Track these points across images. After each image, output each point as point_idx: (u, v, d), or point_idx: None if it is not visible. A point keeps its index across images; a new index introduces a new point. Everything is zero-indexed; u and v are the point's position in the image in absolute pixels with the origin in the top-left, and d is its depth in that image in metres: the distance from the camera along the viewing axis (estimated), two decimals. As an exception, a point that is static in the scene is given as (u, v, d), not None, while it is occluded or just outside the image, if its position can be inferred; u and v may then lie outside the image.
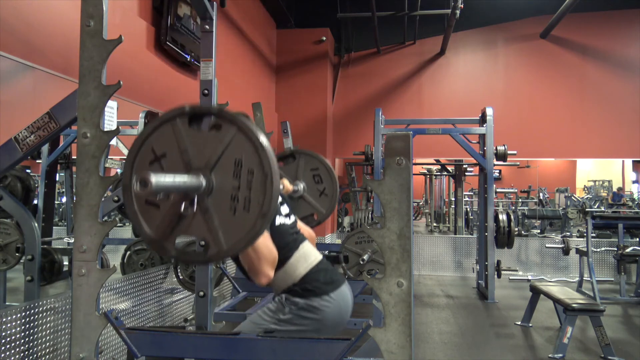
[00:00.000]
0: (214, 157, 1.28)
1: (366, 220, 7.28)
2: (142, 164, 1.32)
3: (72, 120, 2.05)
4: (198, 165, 1.28)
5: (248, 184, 1.26)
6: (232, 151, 1.27)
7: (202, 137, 1.29)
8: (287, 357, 1.47)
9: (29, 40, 2.64)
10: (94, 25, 1.45)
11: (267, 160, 1.25)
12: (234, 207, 1.27)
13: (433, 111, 7.80)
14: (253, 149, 1.25)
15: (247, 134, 1.26)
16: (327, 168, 2.82)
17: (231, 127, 1.27)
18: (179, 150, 1.30)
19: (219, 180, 1.28)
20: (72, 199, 4.57)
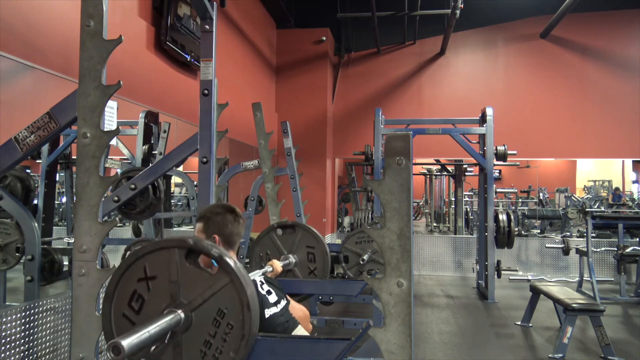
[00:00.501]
0: (200, 299, 1.29)
1: (366, 220, 7.28)
2: (131, 279, 1.33)
3: (72, 120, 2.05)
4: (182, 300, 1.29)
5: (224, 336, 1.27)
6: (219, 299, 1.28)
7: (196, 275, 1.30)
8: (287, 357, 1.47)
9: (29, 40, 2.64)
10: (94, 25, 1.45)
11: (249, 322, 1.26)
12: (205, 352, 1.28)
13: (433, 111, 7.80)
14: (239, 306, 1.27)
15: (238, 289, 1.27)
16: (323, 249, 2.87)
17: (225, 276, 1.27)
18: (168, 279, 1.30)
19: (198, 321, 1.29)
20: (72, 199, 4.57)
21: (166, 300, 1.29)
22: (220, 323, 1.27)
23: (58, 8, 2.85)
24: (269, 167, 4.34)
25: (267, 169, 4.34)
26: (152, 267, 1.32)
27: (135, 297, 1.32)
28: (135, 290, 1.32)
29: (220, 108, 2.96)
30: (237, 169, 5.03)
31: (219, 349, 1.27)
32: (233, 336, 1.26)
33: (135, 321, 1.32)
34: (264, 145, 4.33)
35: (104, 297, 1.35)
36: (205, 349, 1.28)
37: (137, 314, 1.32)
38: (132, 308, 1.32)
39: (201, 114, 2.36)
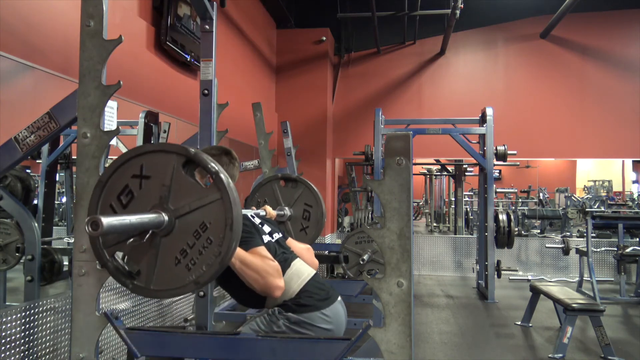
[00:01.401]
0: (187, 208, 1.30)
1: (366, 220, 7.28)
2: (126, 173, 1.34)
3: (72, 120, 2.05)
4: (170, 206, 1.30)
5: (201, 249, 1.28)
6: (205, 213, 1.29)
7: (189, 186, 1.31)
8: (287, 357, 1.47)
9: (29, 40, 2.64)
10: (94, 25, 1.45)
11: (228, 242, 1.27)
12: (179, 259, 1.29)
13: (433, 111, 7.80)
14: (223, 224, 1.27)
15: (226, 207, 1.28)
16: (321, 211, 2.86)
17: (217, 192, 1.28)
18: (161, 182, 1.31)
19: (179, 230, 1.30)
20: (72, 199, 4.57)
21: (154, 202, 1.31)
22: (201, 236, 1.29)
23: (58, 8, 2.84)
24: (269, 167, 4.33)
25: (267, 169, 4.33)
26: (149, 167, 1.33)
27: (125, 192, 1.34)
28: (127, 185, 1.34)
29: (220, 108, 2.97)
30: (237, 169, 5.02)
31: (194, 260, 1.28)
32: (210, 251, 1.27)
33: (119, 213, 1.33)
34: (264, 145, 4.33)
35: (97, 183, 1.36)
36: (180, 257, 1.29)
37: (123, 208, 1.33)
38: (120, 201, 1.34)
39: (201, 114, 2.36)
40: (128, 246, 1.32)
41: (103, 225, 1.09)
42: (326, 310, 1.84)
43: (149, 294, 1.33)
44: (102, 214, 1.34)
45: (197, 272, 1.27)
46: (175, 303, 3.58)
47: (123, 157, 1.35)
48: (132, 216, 1.21)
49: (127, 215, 1.20)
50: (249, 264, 1.68)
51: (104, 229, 1.09)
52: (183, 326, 3.03)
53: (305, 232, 2.88)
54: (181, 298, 3.66)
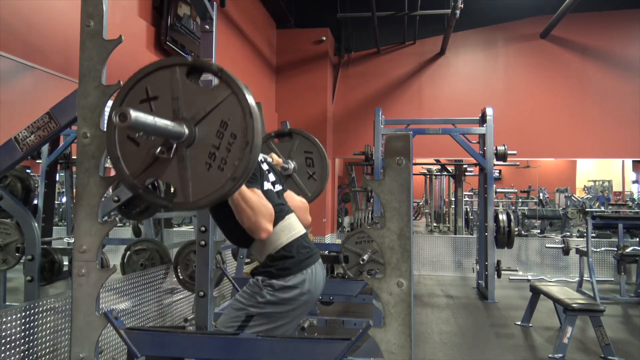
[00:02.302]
0: (202, 112, 1.30)
1: (366, 220, 7.28)
2: (133, 100, 1.34)
3: (72, 120, 2.05)
4: (185, 115, 1.31)
5: (228, 146, 1.28)
6: (222, 111, 1.29)
7: (196, 91, 1.32)
8: (287, 357, 1.47)
9: (29, 40, 2.64)
10: (94, 25, 1.45)
11: (252, 129, 1.27)
12: (210, 163, 1.30)
13: (433, 111, 7.80)
14: (242, 115, 1.28)
15: (240, 99, 1.28)
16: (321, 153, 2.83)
17: (227, 88, 1.29)
18: (171, 96, 1.32)
19: (201, 135, 1.31)
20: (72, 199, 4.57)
21: (169, 118, 1.30)
22: (224, 134, 1.29)
23: (58, 8, 2.85)
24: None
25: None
26: (154, 88, 1.33)
27: None
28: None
29: (221, 108, 2.96)
30: (237, 169, 5.02)
31: (224, 159, 1.28)
32: (237, 145, 1.28)
33: (139, 142, 1.33)
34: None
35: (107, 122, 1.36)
36: (210, 161, 1.29)
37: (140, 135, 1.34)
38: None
39: (201, 113, 2.36)
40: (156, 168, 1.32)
41: (131, 117, 1.08)
42: (307, 270, 1.85)
43: (191, 207, 1.32)
44: (122, 148, 1.34)
45: (231, 169, 1.27)
46: (175, 303, 3.58)
47: (125, 88, 1.35)
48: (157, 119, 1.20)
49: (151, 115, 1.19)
50: (247, 199, 1.69)
51: (131, 120, 1.08)
52: (183, 326, 3.04)
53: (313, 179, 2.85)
54: (181, 298, 3.66)
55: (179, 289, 3.52)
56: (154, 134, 1.26)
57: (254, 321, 1.78)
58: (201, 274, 2.15)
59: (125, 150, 1.34)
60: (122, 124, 1.09)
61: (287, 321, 1.84)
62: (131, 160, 1.34)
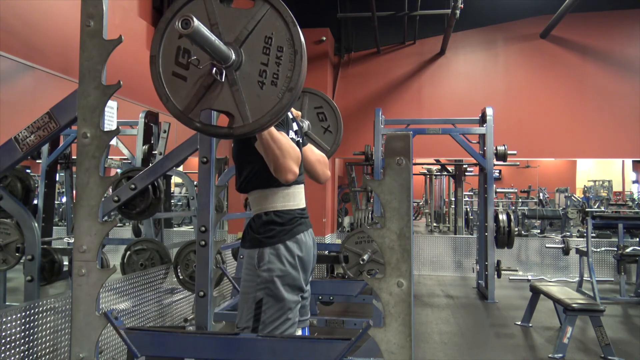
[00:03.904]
0: (245, 32, 1.30)
1: (366, 220, 7.28)
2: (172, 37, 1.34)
3: (72, 120, 2.05)
4: (228, 40, 1.30)
5: (277, 60, 1.28)
6: (263, 28, 1.29)
7: (234, 13, 1.31)
8: (287, 357, 1.47)
9: (29, 40, 2.64)
10: (94, 25, 1.45)
11: (298, 37, 1.27)
12: (262, 81, 1.29)
13: (433, 111, 7.80)
14: (284, 26, 1.27)
15: (280, 11, 1.28)
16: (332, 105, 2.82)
17: (264, 4, 1.29)
18: (209, 24, 1.31)
19: (248, 55, 1.30)
20: (72, 199, 4.57)
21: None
22: (270, 49, 1.28)
23: (58, 8, 2.85)
24: (269, 167, 4.33)
25: (267, 169, 4.33)
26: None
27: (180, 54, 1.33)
28: (179, 47, 1.33)
29: (221, 108, 2.96)
30: (237, 169, 5.02)
31: (275, 73, 1.28)
32: (285, 56, 1.27)
33: (186, 76, 1.33)
34: (264, 145, 4.32)
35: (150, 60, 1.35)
36: (262, 79, 1.29)
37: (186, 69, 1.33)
38: (181, 64, 1.33)
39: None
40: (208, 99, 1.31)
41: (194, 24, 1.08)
42: (296, 238, 1.84)
43: (252, 129, 1.31)
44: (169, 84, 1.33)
45: (285, 81, 1.27)
46: (175, 303, 3.58)
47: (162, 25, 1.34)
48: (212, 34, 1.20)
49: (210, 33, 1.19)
50: (276, 139, 1.65)
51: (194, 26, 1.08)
52: (183, 326, 3.04)
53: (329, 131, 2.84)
54: (181, 298, 3.66)
55: (179, 289, 3.52)
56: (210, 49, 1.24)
57: (264, 304, 1.76)
58: (201, 274, 2.15)
59: (173, 87, 1.34)
60: (185, 30, 1.08)
61: (292, 286, 1.81)
62: (181, 95, 1.33)
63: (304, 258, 1.86)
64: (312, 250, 1.93)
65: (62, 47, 2.83)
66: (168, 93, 1.34)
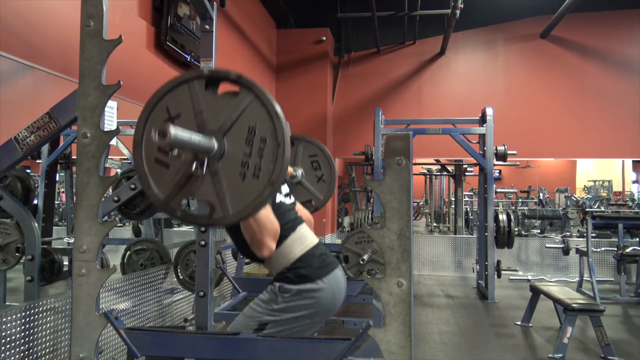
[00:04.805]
0: (228, 122, 1.28)
1: (366, 220, 7.28)
2: (156, 122, 1.33)
3: (72, 120, 2.05)
4: (211, 128, 1.29)
5: (259, 152, 1.27)
6: (247, 118, 1.28)
7: (218, 102, 1.30)
8: (287, 357, 1.47)
9: (29, 40, 2.64)
10: (94, 25, 1.45)
11: (281, 129, 1.25)
12: (244, 173, 1.28)
13: (433, 111, 7.80)
14: (268, 117, 1.26)
15: (264, 102, 1.27)
16: (326, 155, 2.82)
17: (248, 93, 1.28)
18: (193, 112, 1.30)
19: (231, 145, 1.29)
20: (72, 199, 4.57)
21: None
22: (253, 140, 1.27)
23: (58, 8, 2.85)
24: (269, 167, 4.33)
25: (267, 169, 4.33)
26: (175, 106, 1.32)
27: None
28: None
29: (221, 108, 2.96)
30: (237, 169, 5.02)
31: (257, 165, 1.27)
32: (268, 148, 1.26)
33: (169, 163, 1.32)
34: (264, 145, 4.32)
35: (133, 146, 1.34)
36: (244, 170, 1.28)
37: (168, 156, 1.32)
38: (163, 151, 1.32)
39: (201, 114, 2.36)
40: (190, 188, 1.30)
41: (171, 134, 1.08)
42: (325, 279, 1.81)
43: (232, 220, 1.30)
44: (152, 171, 1.33)
45: (267, 174, 1.26)
46: (175, 303, 3.58)
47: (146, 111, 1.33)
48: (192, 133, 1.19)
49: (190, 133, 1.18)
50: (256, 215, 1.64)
51: (171, 137, 1.08)
52: (183, 326, 3.04)
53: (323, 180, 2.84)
54: (181, 298, 3.66)
55: (179, 289, 3.52)
56: (189, 148, 1.24)
57: (268, 329, 1.75)
58: (201, 274, 2.15)
59: (156, 174, 1.32)
60: (162, 141, 1.08)
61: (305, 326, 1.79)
62: (163, 184, 1.32)
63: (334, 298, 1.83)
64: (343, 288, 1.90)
65: (62, 47, 2.83)
66: (150, 181, 1.32)
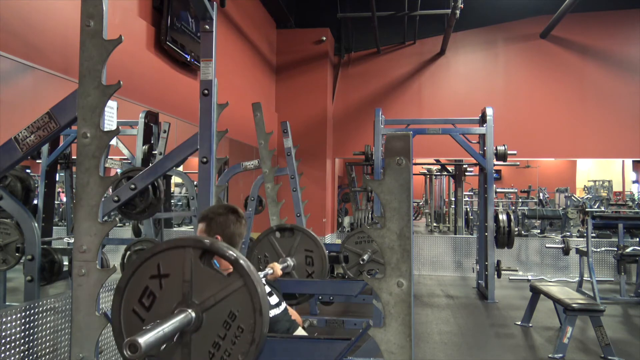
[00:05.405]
0: (212, 300, 1.28)
1: (366, 220, 7.28)
2: (144, 275, 1.33)
3: (72, 120, 2.05)
4: (194, 300, 1.28)
5: (233, 339, 1.26)
6: (232, 302, 1.27)
7: (210, 276, 1.29)
8: (287, 357, 1.47)
9: (29, 40, 2.64)
10: (94, 25, 1.45)
11: (260, 327, 1.25)
12: (213, 353, 1.27)
13: (433, 111, 7.80)
14: (252, 310, 1.26)
15: (252, 293, 1.26)
16: (322, 254, 2.86)
17: (239, 279, 1.27)
18: (182, 278, 1.30)
19: (208, 323, 1.28)
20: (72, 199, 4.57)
21: (178, 299, 1.29)
22: (231, 326, 1.27)
23: (58, 8, 2.85)
24: (269, 167, 4.34)
25: (267, 169, 4.33)
26: (166, 265, 1.31)
27: (146, 294, 1.32)
28: (147, 287, 1.32)
29: (220, 108, 2.96)
30: (237, 169, 5.03)
31: (228, 351, 1.26)
32: (243, 339, 1.26)
33: (144, 317, 1.31)
34: (264, 145, 4.33)
35: (115, 290, 1.34)
36: (214, 351, 1.27)
37: (147, 311, 1.31)
38: (143, 304, 1.32)
39: (201, 114, 2.37)
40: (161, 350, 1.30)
41: (142, 346, 1.07)
42: None
43: None
44: (126, 321, 1.32)
45: None
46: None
47: (139, 260, 1.33)
48: (164, 325, 1.18)
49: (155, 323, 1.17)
50: None
51: (142, 349, 1.07)
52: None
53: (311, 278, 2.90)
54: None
55: (179, 289, 3.51)
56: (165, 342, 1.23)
57: None
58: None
59: (129, 325, 1.32)
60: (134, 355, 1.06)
61: None
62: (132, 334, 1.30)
63: None
64: None
65: (62, 47, 2.83)
66: (122, 329, 1.32)
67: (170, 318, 1.22)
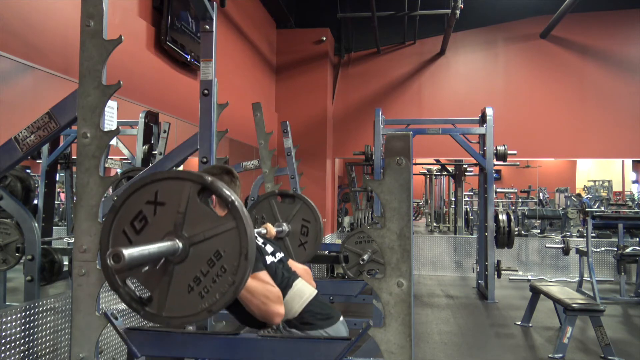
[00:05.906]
0: (202, 236, 1.29)
1: (366, 220, 7.28)
2: (140, 199, 1.33)
3: (72, 120, 2.05)
4: (185, 233, 1.29)
5: (215, 277, 1.27)
6: (220, 241, 1.28)
7: (203, 212, 1.30)
8: (287, 357, 1.47)
9: (29, 40, 2.64)
10: (94, 25, 1.45)
11: (243, 272, 1.25)
12: (192, 287, 1.28)
13: (433, 111, 7.80)
14: (238, 253, 1.26)
15: (241, 237, 1.26)
16: (319, 226, 2.85)
17: (232, 221, 1.27)
18: (177, 209, 1.30)
19: (193, 257, 1.29)
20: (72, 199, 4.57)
21: (168, 229, 1.30)
22: (215, 264, 1.27)
23: (58, 8, 2.84)
24: (269, 167, 4.34)
25: (267, 169, 4.33)
26: (164, 194, 1.32)
27: (139, 218, 1.33)
28: (141, 211, 1.33)
29: (220, 108, 2.97)
30: (237, 169, 5.03)
31: (207, 288, 1.27)
32: (223, 280, 1.26)
33: (133, 240, 1.32)
34: (264, 145, 4.33)
35: (110, 208, 1.35)
36: (193, 285, 1.28)
37: (136, 234, 1.32)
38: (134, 227, 1.33)
39: (201, 114, 2.37)
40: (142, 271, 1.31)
41: (125, 258, 1.08)
42: (329, 329, 1.86)
43: (160, 321, 1.31)
44: (114, 240, 1.33)
45: (210, 300, 1.26)
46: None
47: (138, 183, 1.34)
48: (151, 246, 1.20)
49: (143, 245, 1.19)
50: (252, 290, 1.67)
51: (125, 261, 1.08)
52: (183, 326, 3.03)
53: (304, 248, 2.88)
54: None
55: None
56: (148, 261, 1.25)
57: None
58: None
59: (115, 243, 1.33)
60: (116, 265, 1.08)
61: None
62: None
63: None
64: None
65: (62, 47, 2.83)
66: (110, 244, 1.34)
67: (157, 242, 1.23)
